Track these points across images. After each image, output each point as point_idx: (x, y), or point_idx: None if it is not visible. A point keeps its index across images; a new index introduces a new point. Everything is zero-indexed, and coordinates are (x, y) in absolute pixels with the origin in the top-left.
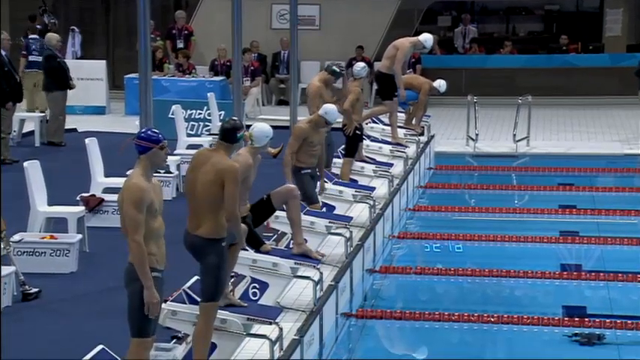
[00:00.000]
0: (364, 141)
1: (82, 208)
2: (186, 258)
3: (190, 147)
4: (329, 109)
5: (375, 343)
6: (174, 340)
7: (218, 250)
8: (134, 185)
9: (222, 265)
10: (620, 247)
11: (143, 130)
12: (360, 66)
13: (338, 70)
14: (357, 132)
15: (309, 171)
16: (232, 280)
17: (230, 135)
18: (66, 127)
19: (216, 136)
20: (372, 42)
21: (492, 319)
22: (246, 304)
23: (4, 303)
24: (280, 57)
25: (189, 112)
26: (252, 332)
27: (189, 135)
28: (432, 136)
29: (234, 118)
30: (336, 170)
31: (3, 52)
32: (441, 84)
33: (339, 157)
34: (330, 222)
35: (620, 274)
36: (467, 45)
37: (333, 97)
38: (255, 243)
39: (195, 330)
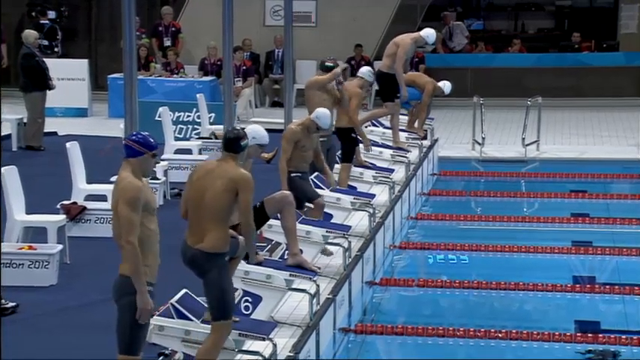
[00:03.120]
0: None
1: (62, 216)
2: (175, 269)
3: (178, 151)
4: (321, 113)
5: None
6: (161, 358)
7: (220, 264)
8: (129, 184)
9: (225, 278)
10: (637, 259)
11: (136, 132)
12: (368, 69)
13: (331, 64)
14: (354, 135)
15: (299, 174)
16: None
17: (235, 144)
18: (45, 131)
19: (206, 140)
20: (371, 40)
21: (500, 335)
22: (237, 319)
23: None
24: (274, 56)
25: (177, 114)
26: (244, 349)
27: (177, 139)
28: (436, 140)
29: (237, 127)
30: (334, 176)
31: None
32: (445, 85)
33: (337, 163)
34: (327, 231)
35: (636, 287)
36: (456, 45)
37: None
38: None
39: (200, 347)
